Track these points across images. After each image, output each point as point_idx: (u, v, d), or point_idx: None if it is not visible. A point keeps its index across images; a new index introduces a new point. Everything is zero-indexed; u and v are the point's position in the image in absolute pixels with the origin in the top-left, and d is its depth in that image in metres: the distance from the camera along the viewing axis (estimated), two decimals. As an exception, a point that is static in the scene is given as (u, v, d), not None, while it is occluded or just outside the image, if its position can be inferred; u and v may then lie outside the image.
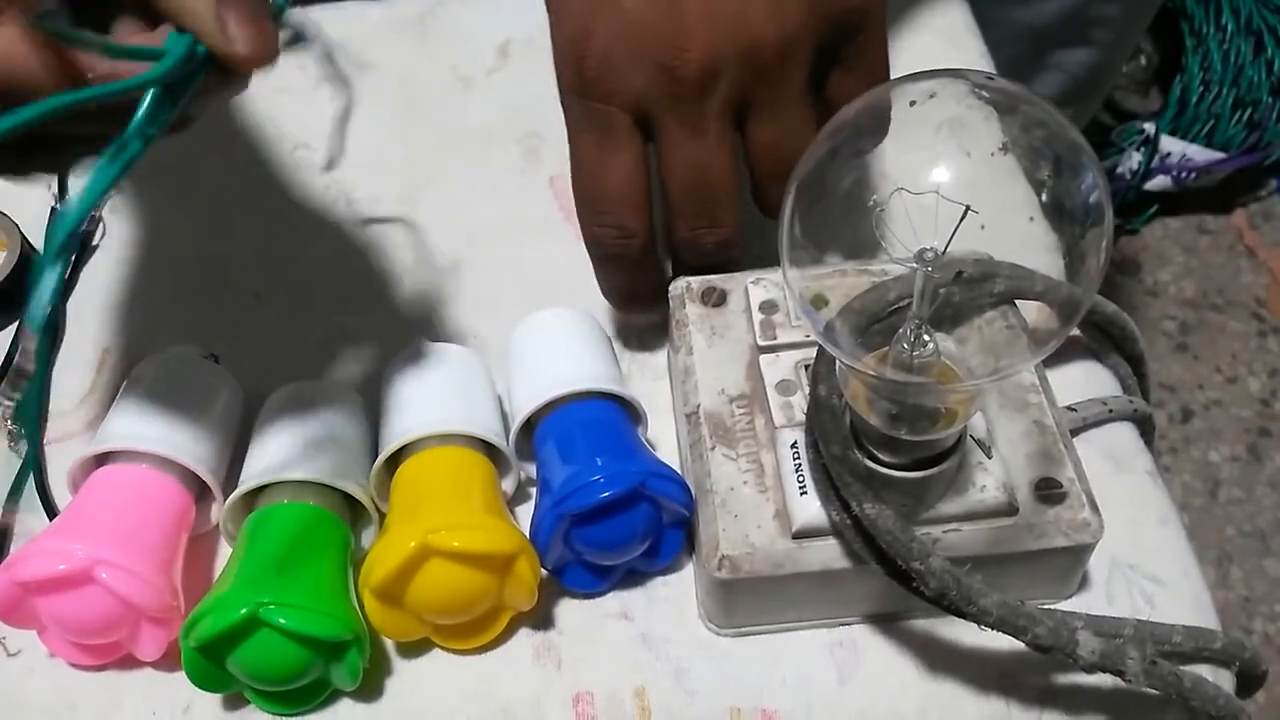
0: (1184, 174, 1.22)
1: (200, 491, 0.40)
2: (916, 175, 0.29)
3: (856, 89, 0.39)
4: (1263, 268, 1.25)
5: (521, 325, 0.43)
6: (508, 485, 0.41)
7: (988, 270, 0.36)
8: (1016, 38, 0.70)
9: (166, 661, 0.39)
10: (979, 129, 0.30)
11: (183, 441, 0.40)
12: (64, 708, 0.39)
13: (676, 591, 0.40)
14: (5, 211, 0.50)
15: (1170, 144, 1.22)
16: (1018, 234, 0.32)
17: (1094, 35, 0.73)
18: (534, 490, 0.42)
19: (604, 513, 0.36)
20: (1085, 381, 0.44)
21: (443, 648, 0.39)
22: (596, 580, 0.39)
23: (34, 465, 0.44)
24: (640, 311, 0.46)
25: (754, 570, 0.35)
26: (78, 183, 0.54)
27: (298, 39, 0.46)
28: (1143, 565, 0.40)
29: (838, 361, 0.33)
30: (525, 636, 0.39)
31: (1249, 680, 0.39)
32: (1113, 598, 0.39)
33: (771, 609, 0.38)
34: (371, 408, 0.43)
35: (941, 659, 0.38)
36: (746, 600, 0.37)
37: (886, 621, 0.39)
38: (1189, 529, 0.43)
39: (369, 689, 0.38)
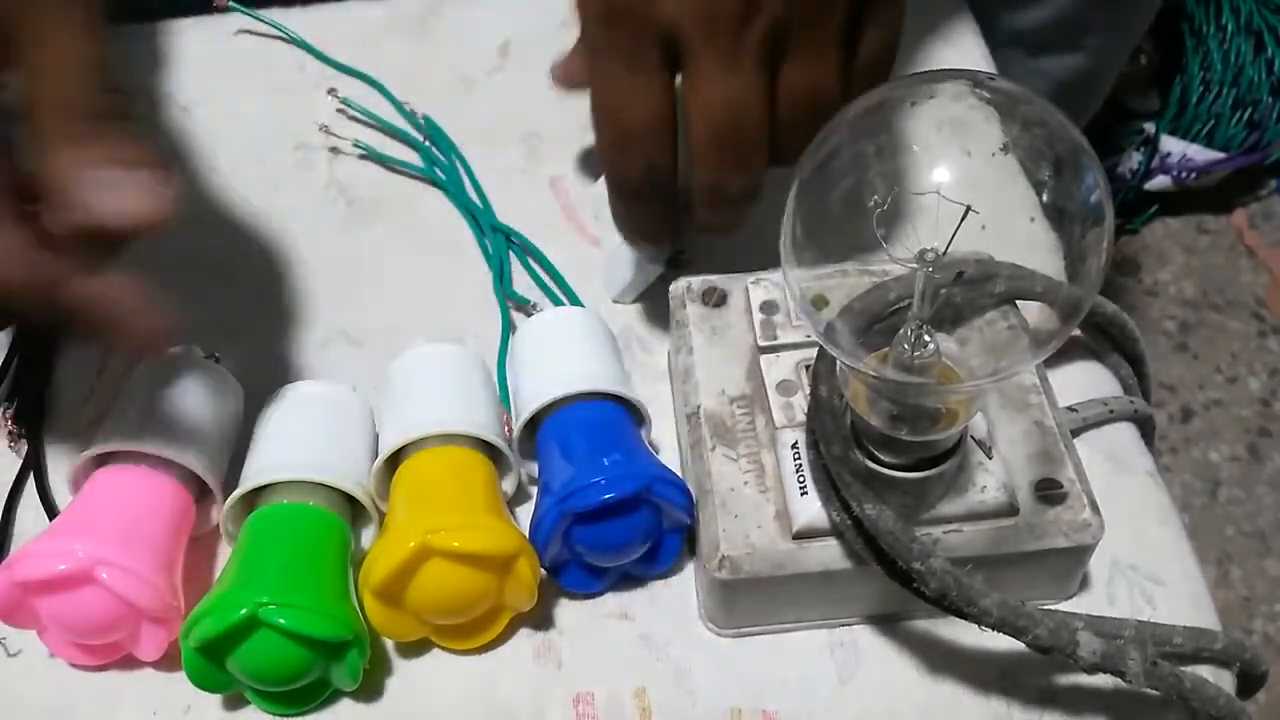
0: (1184, 174, 1.22)
1: (200, 492, 0.40)
2: (917, 175, 0.29)
3: (882, 42, 0.38)
4: (1263, 268, 1.25)
5: (525, 325, 0.43)
6: (508, 485, 0.41)
7: (988, 271, 0.36)
8: (1006, 43, 0.70)
9: (166, 662, 0.39)
10: (980, 129, 0.30)
11: (183, 442, 0.39)
12: (64, 708, 0.39)
13: (677, 592, 0.40)
14: (5, 211, 0.50)
15: (1170, 144, 1.22)
16: (1018, 234, 0.32)
17: (1085, 42, 0.73)
18: (534, 490, 0.42)
19: (606, 514, 0.36)
20: (1086, 382, 0.44)
21: (443, 648, 0.39)
22: (593, 581, 0.39)
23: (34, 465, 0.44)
24: (651, 245, 0.44)
25: (754, 571, 0.35)
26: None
27: None
28: (1143, 566, 0.40)
29: (838, 362, 0.33)
30: (525, 637, 0.39)
31: (1250, 681, 0.39)
32: (1113, 598, 0.39)
33: (772, 609, 0.38)
34: (371, 408, 0.43)
35: (942, 660, 0.38)
36: (747, 601, 0.37)
37: (887, 622, 0.39)
38: (1189, 529, 0.43)
39: (369, 689, 0.38)
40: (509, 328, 0.47)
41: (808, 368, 0.39)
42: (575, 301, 0.47)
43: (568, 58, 0.46)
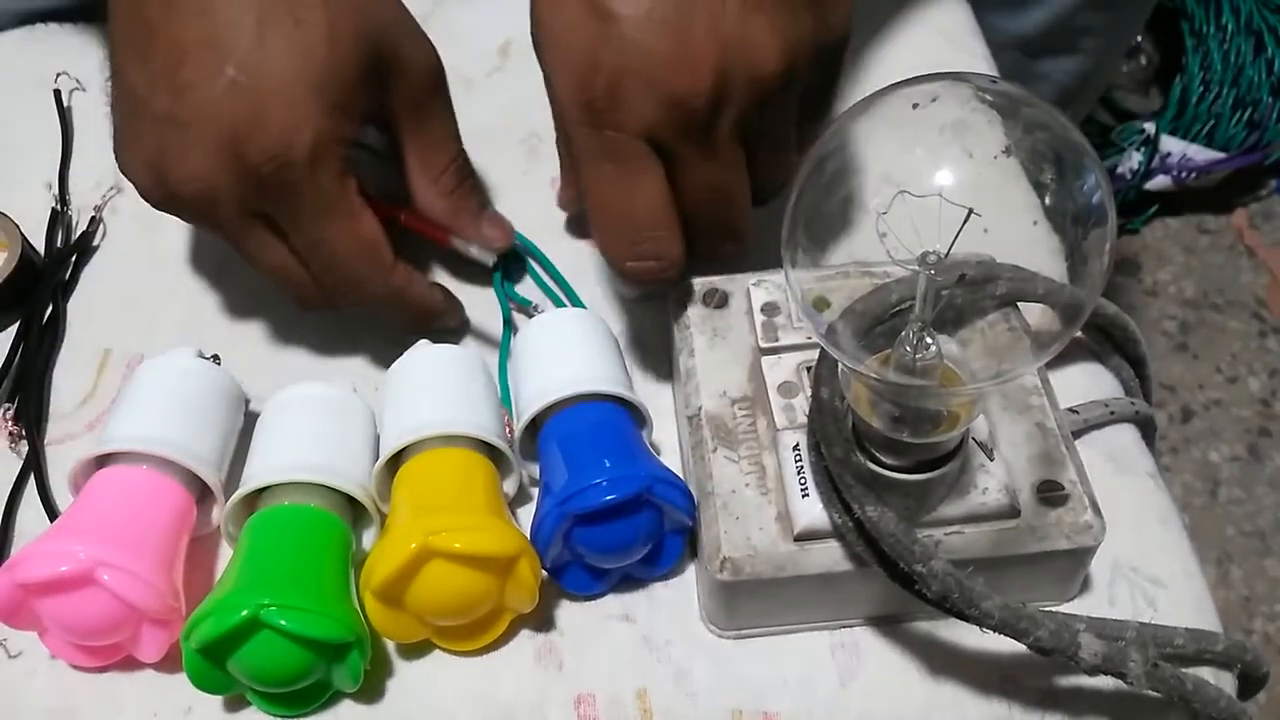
0: (1184, 174, 1.22)
1: (201, 493, 0.40)
2: (919, 178, 0.29)
3: (822, 120, 0.42)
4: (1263, 268, 1.25)
5: (527, 326, 0.43)
6: (509, 486, 0.41)
7: (990, 273, 0.36)
8: (1004, 46, 0.70)
9: (168, 663, 0.39)
10: (982, 132, 0.30)
11: (183, 443, 0.39)
12: (65, 710, 0.39)
13: (678, 593, 0.40)
14: (5, 212, 0.50)
15: (1170, 144, 1.22)
16: (1020, 236, 0.31)
17: (1082, 44, 0.73)
18: (536, 492, 0.42)
19: (607, 515, 0.36)
20: (1087, 383, 0.44)
21: (444, 649, 0.39)
22: (594, 582, 0.39)
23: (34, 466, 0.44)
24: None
25: (756, 572, 0.35)
26: (77, 184, 0.54)
27: None
28: (1144, 567, 0.40)
29: (840, 364, 0.33)
30: (526, 638, 0.39)
31: (1250, 682, 0.39)
32: (1115, 600, 0.39)
33: (773, 611, 0.38)
34: (372, 408, 0.43)
35: (943, 661, 0.38)
36: (748, 602, 0.37)
37: (888, 624, 0.39)
38: (1189, 529, 0.43)
39: (370, 691, 0.38)
40: (510, 329, 0.47)
41: (809, 369, 0.39)
42: (576, 302, 0.47)
43: (563, 183, 0.50)
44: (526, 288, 0.49)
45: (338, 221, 0.41)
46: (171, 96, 0.39)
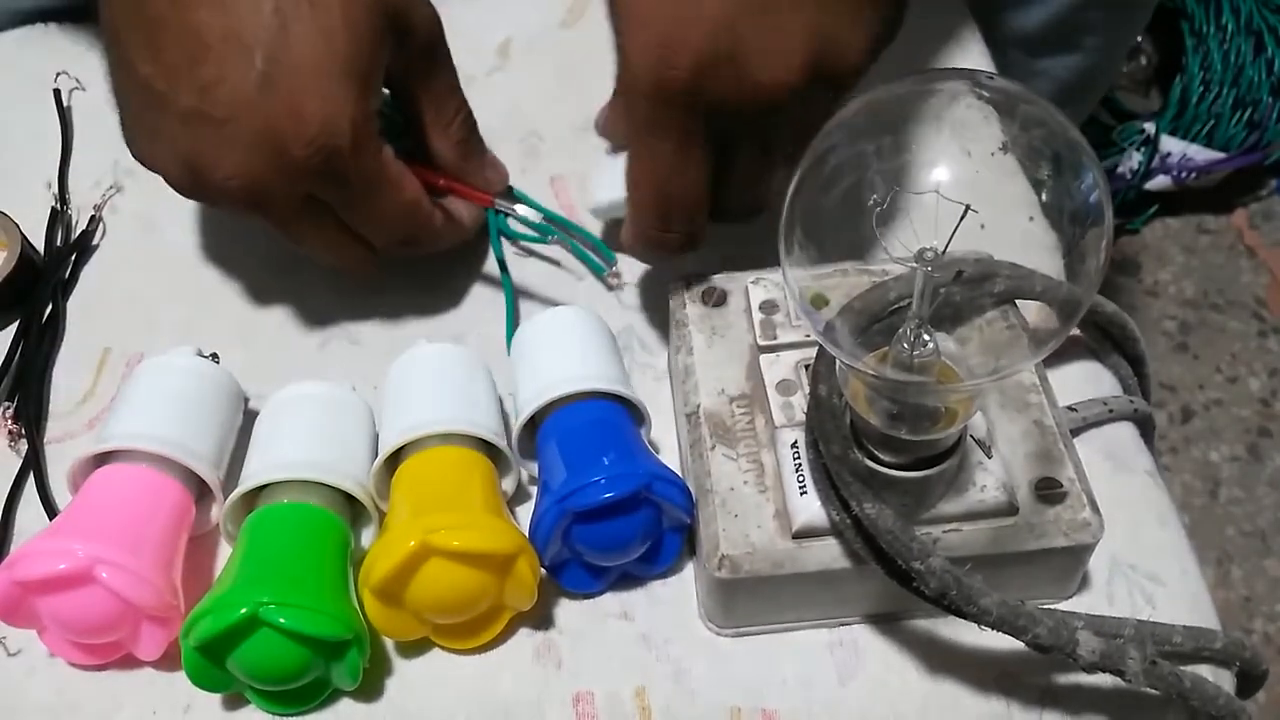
0: (1184, 174, 1.22)
1: (200, 491, 0.40)
2: (916, 175, 0.29)
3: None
4: (1263, 268, 1.25)
5: (528, 323, 0.43)
6: (508, 485, 0.41)
7: (988, 270, 0.36)
8: (1007, 45, 0.70)
9: (166, 661, 0.39)
10: (979, 128, 0.30)
11: (183, 441, 0.39)
12: (64, 707, 0.39)
13: (677, 591, 0.40)
14: (5, 211, 0.50)
15: (1170, 144, 1.22)
16: (1018, 234, 0.32)
17: (1083, 41, 0.73)
18: (534, 490, 0.42)
19: (606, 513, 0.36)
20: (1085, 381, 0.44)
21: (443, 647, 0.39)
22: (593, 581, 0.39)
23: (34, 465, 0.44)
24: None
25: (754, 570, 0.35)
26: (77, 183, 0.54)
27: None
28: (1143, 565, 0.40)
29: (838, 361, 0.33)
30: (525, 636, 0.39)
31: (1249, 680, 0.39)
32: (1113, 598, 0.39)
33: (772, 609, 0.38)
34: (371, 408, 0.43)
35: (942, 659, 0.38)
36: (747, 600, 0.37)
37: (887, 621, 0.39)
38: (1189, 529, 0.43)
39: (369, 689, 0.38)
40: (513, 310, 0.47)
41: (807, 367, 0.39)
42: (579, 231, 0.49)
43: (611, 113, 0.49)
44: (528, 282, 0.49)
45: (385, 192, 0.42)
46: (197, 92, 0.39)
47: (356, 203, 0.42)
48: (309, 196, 0.42)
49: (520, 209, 0.46)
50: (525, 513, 0.42)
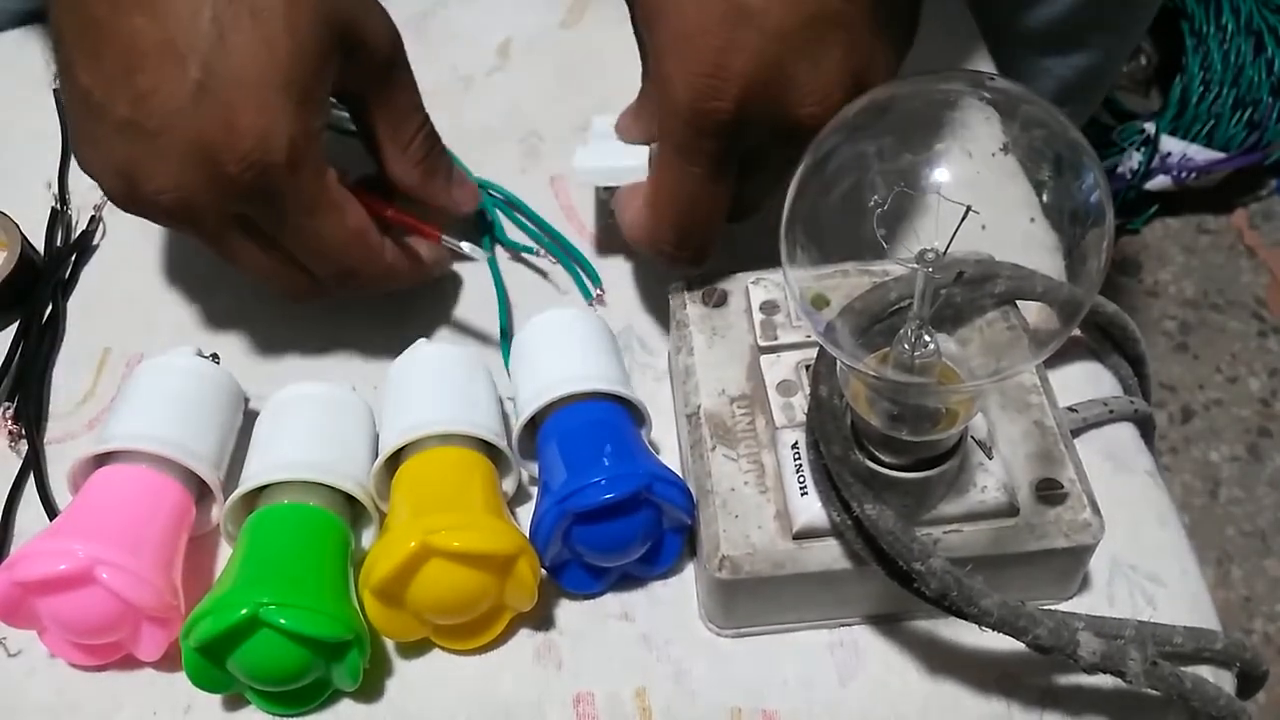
0: (1184, 174, 1.22)
1: (200, 492, 0.40)
2: (917, 175, 0.29)
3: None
4: (1263, 268, 1.25)
5: (529, 324, 0.43)
6: (508, 485, 0.41)
7: (989, 271, 0.36)
8: (1015, 43, 0.70)
9: (167, 662, 0.39)
10: (980, 129, 0.30)
11: (183, 442, 0.39)
12: (64, 708, 0.39)
13: (677, 592, 0.40)
14: (5, 211, 0.50)
15: (1170, 144, 1.22)
16: (1019, 234, 0.32)
17: (1092, 39, 0.73)
18: (535, 490, 0.42)
19: (606, 514, 0.36)
20: (1086, 382, 0.44)
21: (443, 648, 0.39)
22: (593, 581, 0.39)
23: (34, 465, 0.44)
24: None
25: (755, 571, 0.35)
26: (77, 183, 0.54)
27: None
28: (1143, 566, 0.40)
29: (839, 362, 0.33)
30: (526, 637, 0.39)
31: (1250, 681, 0.39)
32: (1114, 598, 0.39)
33: (772, 610, 0.38)
34: (371, 408, 0.43)
35: (942, 660, 0.38)
36: (747, 601, 0.37)
37: (887, 622, 0.39)
38: (1189, 529, 0.43)
39: (369, 689, 0.38)
40: (506, 316, 0.47)
41: (808, 368, 0.39)
42: (565, 244, 0.49)
43: (634, 116, 0.46)
44: (523, 282, 0.49)
45: (324, 217, 0.40)
46: (132, 103, 0.37)
47: (291, 224, 0.40)
48: (244, 215, 0.40)
49: (466, 247, 0.44)
50: (525, 513, 0.42)
